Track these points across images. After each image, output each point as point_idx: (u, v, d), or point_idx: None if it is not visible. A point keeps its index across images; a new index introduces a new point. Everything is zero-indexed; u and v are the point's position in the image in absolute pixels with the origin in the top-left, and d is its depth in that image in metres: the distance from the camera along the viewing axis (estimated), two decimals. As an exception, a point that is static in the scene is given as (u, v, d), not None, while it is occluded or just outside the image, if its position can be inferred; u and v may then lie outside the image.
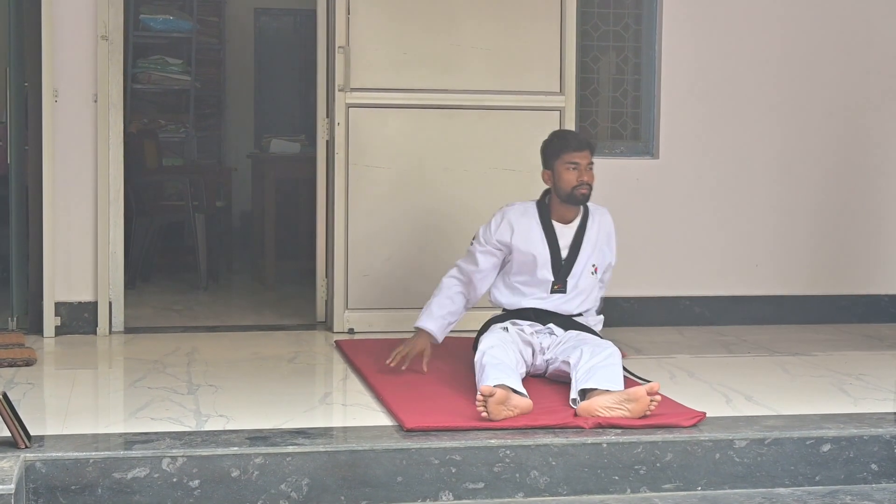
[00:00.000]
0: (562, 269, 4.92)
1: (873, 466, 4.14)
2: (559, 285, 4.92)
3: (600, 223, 5.00)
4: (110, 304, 6.09)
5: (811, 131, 6.74)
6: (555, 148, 4.90)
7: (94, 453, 3.70)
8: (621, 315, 6.52)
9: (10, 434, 3.72)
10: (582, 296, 4.96)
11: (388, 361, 4.89)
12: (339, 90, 6.12)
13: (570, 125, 6.29)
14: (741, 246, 6.69)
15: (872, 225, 6.82)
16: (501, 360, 4.42)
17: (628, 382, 4.45)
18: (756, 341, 6.09)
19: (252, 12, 10.99)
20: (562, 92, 6.29)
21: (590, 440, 3.98)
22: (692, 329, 6.48)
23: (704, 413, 4.23)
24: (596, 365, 4.40)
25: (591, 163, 4.89)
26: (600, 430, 4.06)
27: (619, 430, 4.06)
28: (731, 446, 4.06)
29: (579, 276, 4.95)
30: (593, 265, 4.98)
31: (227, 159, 10.52)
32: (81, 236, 6.04)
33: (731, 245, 6.68)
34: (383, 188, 6.19)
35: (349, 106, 6.14)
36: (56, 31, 5.89)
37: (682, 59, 6.59)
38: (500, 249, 4.96)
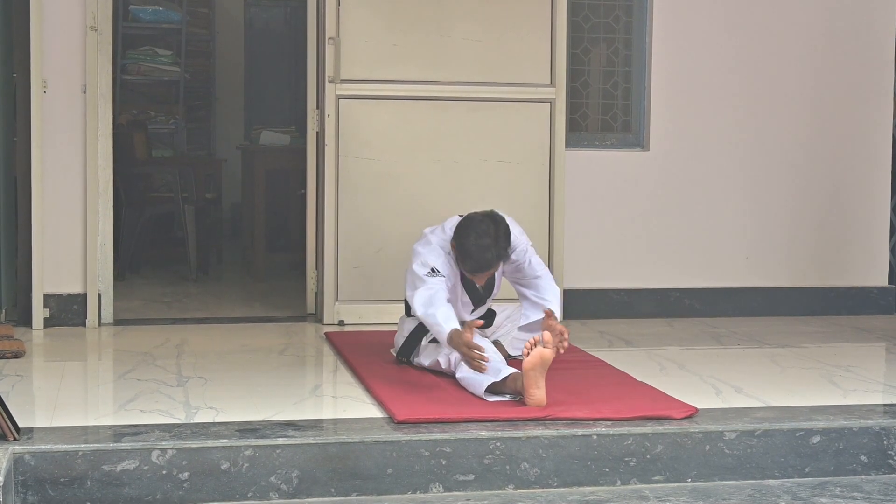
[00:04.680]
0: (481, 297, 4.91)
1: (863, 458, 4.15)
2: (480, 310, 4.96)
3: None
4: (99, 295, 6.08)
5: (802, 124, 6.74)
6: (459, 254, 4.65)
7: (83, 445, 3.69)
8: (612, 307, 6.53)
9: (-2, 426, 3.71)
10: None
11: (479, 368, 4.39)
12: (329, 81, 6.11)
13: (561, 117, 6.29)
14: (731, 238, 6.70)
15: (862, 217, 6.83)
16: (502, 359, 4.46)
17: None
18: (746, 333, 6.10)
19: (242, 3, 10.96)
20: (552, 84, 6.29)
21: (580, 432, 3.98)
22: (682, 321, 6.49)
23: (696, 408, 4.22)
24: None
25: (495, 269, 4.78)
26: (590, 422, 4.06)
27: (609, 422, 4.06)
28: (721, 438, 4.06)
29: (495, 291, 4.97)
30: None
31: (216, 151, 10.50)
32: (70, 228, 6.02)
33: (722, 237, 6.68)
34: (373, 180, 6.18)
35: (339, 97, 6.13)
36: (45, 21, 5.87)
37: (673, 50, 6.59)
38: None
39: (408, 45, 6.18)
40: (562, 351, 4.35)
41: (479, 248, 4.61)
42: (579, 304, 6.43)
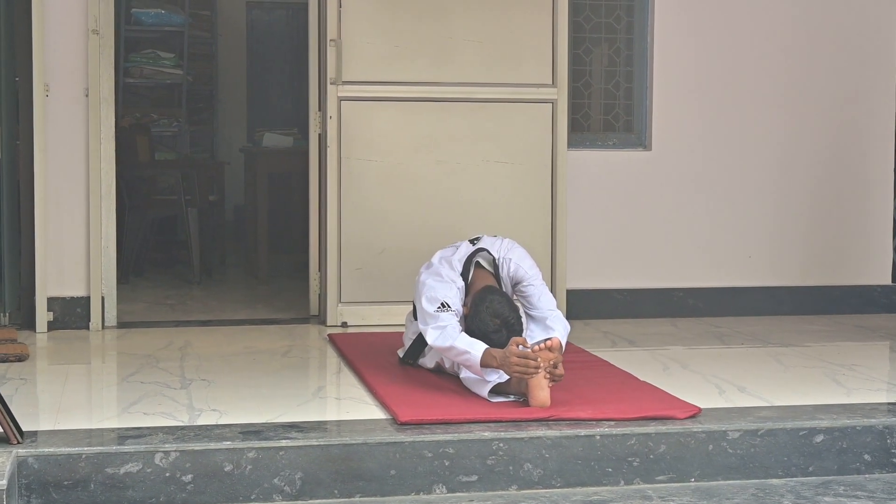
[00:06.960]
0: None
1: (866, 457, 4.15)
2: None
3: (507, 270, 4.76)
4: (103, 298, 6.08)
5: (804, 122, 6.74)
6: (468, 331, 4.50)
7: (86, 448, 3.69)
8: (615, 307, 6.53)
9: (1, 430, 3.71)
10: None
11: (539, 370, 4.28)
12: (331, 83, 6.11)
13: (563, 117, 6.29)
14: (734, 237, 6.69)
15: (865, 216, 6.83)
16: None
17: None
18: (749, 332, 6.09)
19: (244, 6, 10.99)
20: (554, 84, 6.29)
21: (583, 433, 3.98)
22: (686, 321, 6.49)
23: (699, 408, 4.22)
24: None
25: None
26: (594, 422, 4.06)
27: (612, 423, 4.06)
28: (724, 437, 4.06)
29: None
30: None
31: (219, 153, 10.52)
32: (74, 231, 6.03)
33: (725, 236, 6.68)
34: (376, 181, 6.18)
35: (341, 99, 6.13)
36: (47, 25, 5.87)
37: (675, 50, 6.59)
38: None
39: (409, 45, 6.18)
40: (556, 379, 4.25)
41: (494, 340, 4.44)
42: (582, 304, 6.43)
